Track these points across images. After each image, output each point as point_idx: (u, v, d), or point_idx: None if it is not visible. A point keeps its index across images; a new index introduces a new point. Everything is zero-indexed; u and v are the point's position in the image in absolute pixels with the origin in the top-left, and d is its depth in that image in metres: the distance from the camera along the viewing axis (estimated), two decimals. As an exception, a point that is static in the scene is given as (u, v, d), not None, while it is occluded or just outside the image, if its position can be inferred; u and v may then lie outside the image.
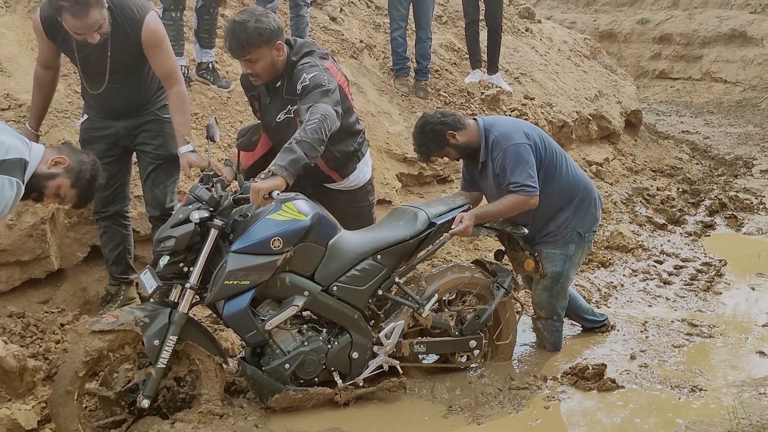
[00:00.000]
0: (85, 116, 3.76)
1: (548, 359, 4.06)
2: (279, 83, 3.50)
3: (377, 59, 6.98)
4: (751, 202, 7.68)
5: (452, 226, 3.63)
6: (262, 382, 3.26)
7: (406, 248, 3.52)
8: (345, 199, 3.82)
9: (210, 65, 5.32)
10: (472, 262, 4.05)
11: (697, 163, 9.72)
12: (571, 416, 3.53)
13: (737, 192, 8.13)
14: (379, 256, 3.44)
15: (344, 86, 3.60)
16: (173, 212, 3.21)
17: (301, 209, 3.24)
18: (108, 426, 3.09)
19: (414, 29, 6.83)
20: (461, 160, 4.07)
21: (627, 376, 3.84)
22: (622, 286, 5.39)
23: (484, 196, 4.07)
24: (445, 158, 4.06)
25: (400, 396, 3.53)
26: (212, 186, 3.20)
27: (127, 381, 3.10)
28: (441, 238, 3.65)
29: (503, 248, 4.04)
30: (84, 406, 3.09)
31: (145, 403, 3.02)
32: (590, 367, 3.77)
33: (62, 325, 3.69)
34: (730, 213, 7.28)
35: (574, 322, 4.47)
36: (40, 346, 3.51)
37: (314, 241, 3.28)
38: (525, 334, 4.35)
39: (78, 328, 3.61)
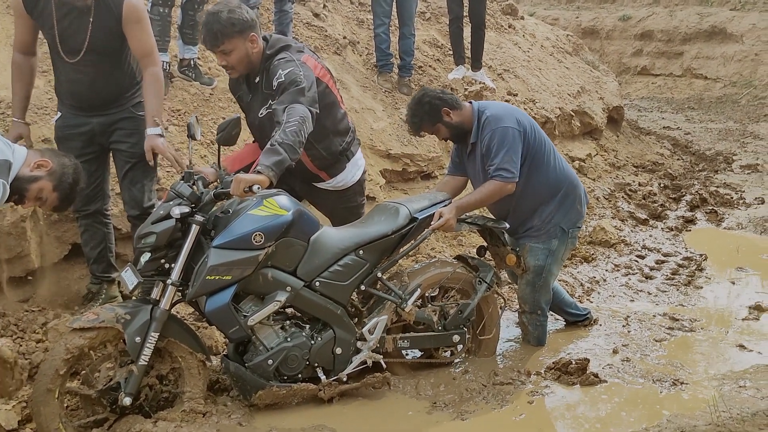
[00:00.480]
0: (59, 114, 3.71)
1: (532, 354, 4.08)
2: (258, 78, 3.50)
3: (361, 55, 6.97)
4: (731, 197, 7.75)
5: (432, 222, 3.63)
6: (246, 379, 3.25)
7: (388, 243, 3.52)
8: (333, 198, 3.83)
9: (192, 62, 5.28)
10: (454, 258, 4.06)
11: (678, 159, 9.79)
12: (555, 411, 3.55)
13: (717, 187, 8.20)
14: (361, 252, 3.44)
15: (327, 80, 3.60)
16: (153, 210, 3.18)
17: (283, 204, 3.24)
18: (90, 425, 3.07)
19: (397, 25, 6.83)
20: (454, 145, 4.09)
21: (609, 371, 3.87)
22: (605, 281, 5.43)
23: (468, 183, 4.09)
24: (433, 136, 4.07)
25: (385, 392, 3.54)
26: (193, 183, 3.18)
27: (109, 379, 3.08)
28: (423, 233, 3.66)
29: (485, 244, 4.05)
30: (65, 404, 3.07)
31: (127, 401, 3.00)
32: (573, 362, 3.79)
33: (43, 324, 3.66)
34: (711, 208, 7.35)
35: (557, 317, 4.50)
36: (21, 345, 3.48)
37: (296, 237, 3.28)
38: (508, 329, 4.37)
39: (59, 327, 3.58)
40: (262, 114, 3.52)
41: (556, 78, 8.86)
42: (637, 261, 5.87)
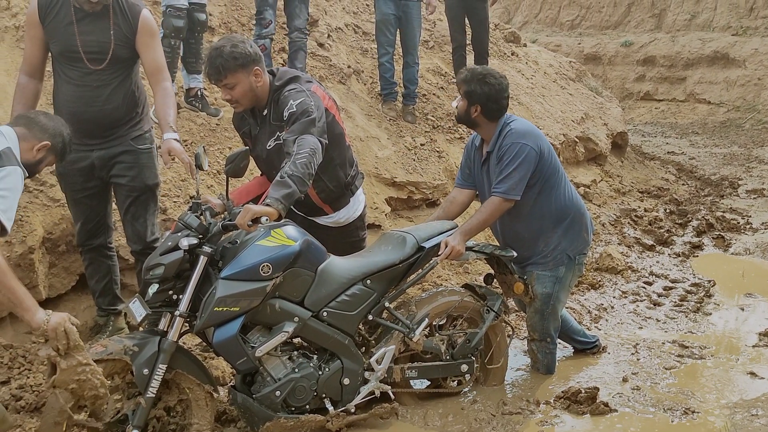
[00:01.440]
0: None
1: (541, 383, 4.04)
2: (266, 111, 3.50)
3: (365, 84, 7.02)
4: (738, 222, 7.73)
5: (439, 252, 3.63)
6: (253, 410, 3.22)
7: (395, 273, 3.51)
8: (334, 234, 3.80)
9: (199, 92, 5.33)
10: (461, 286, 4.05)
11: (683, 184, 9.79)
12: (565, 441, 3.51)
13: (724, 212, 8.19)
14: (368, 281, 3.43)
15: (334, 111, 3.60)
16: (158, 243, 3.18)
17: (290, 235, 3.23)
18: None
19: (401, 54, 6.89)
20: (463, 156, 4.13)
21: (619, 399, 3.83)
22: (613, 308, 5.40)
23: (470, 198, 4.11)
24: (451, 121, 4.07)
25: (392, 422, 3.50)
26: (201, 214, 3.19)
27: (116, 411, 3.05)
28: (430, 262, 3.65)
29: (493, 272, 4.04)
30: None
31: None
32: (583, 391, 3.76)
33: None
34: (718, 233, 7.33)
35: (566, 344, 4.47)
36: (28, 378, 3.46)
37: (303, 267, 3.27)
38: (517, 357, 4.34)
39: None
40: (270, 146, 3.51)
41: (560, 104, 8.91)
42: (644, 287, 5.84)
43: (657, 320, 5.17)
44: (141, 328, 3.22)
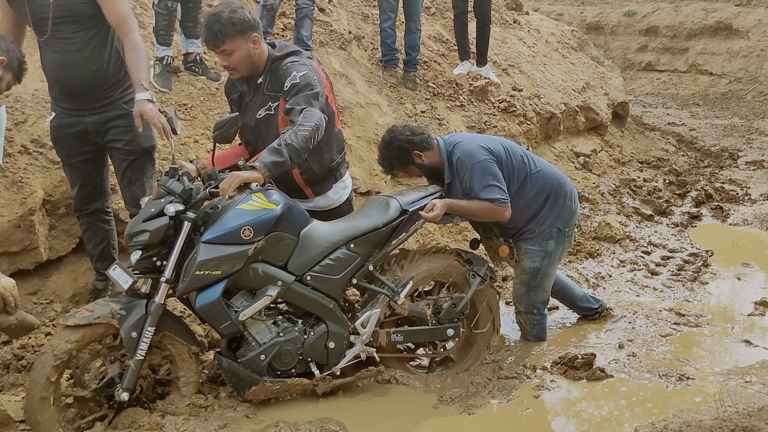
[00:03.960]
0: (53, 114, 3.66)
1: (538, 349, 4.08)
2: (260, 79, 3.46)
3: (366, 50, 6.96)
4: (737, 194, 7.74)
5: (424, 212, 3.60)
6: (239, 375, 3.23)
7: (379, 236, 3.50)
8: (320, 218, 3.75)
9: (197, 57, 5.28)
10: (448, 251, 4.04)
11: (683, 155, 9.77)
12: (562, 405, 3.55)
13: (723, 183, 8.18)
14: (352, 245, 3.42)
15: (327, 91, 3.54)
16: (143, 206, 3.13)
17: (272, 198, 3.22)
18: (90, 423, 3.04)
19: (403, 20, 6.82)
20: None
21: (616, 366, 3.87)
22: (611, 276, 5.43)
23: None
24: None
25: (392, 385, 3.54)
26: (179, 179, 3.15)
27: (102, 377, 3.06)
28: (414, 225, 3.63)
29: (478, 237, 4.03)
30: (64, 408, 3.04)
31: (124, 396, 2.99)
32: (579, 357, 3.80)
33: (52, 319, 3.66)
34: (716, 204, 7.34)
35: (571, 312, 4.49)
36: (30, 338, 3.49)
37: (286, 231, 3.26)
38: (514, 323, 4.38)
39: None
40: (260, 115, 3.47)
41: (561, 73, 8.85)
42: (642, 257, 5.86)
43: (654, 289, 5.20)
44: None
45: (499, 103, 7.13)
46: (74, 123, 3.57)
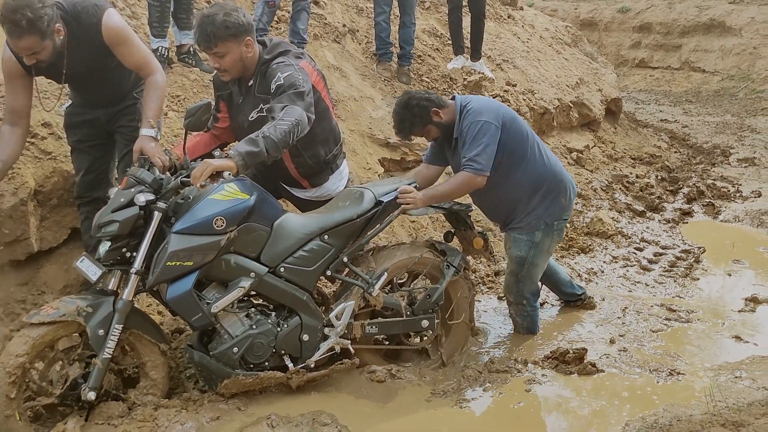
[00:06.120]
0: (69, 102, 3.73)
1: (529, 343, 4.10)
2: (251, 82, 3.45)
3: (360, 44, 6.95)
4: (728, 190, 7.77)
5: (398, 199, 3.58)
6: (211, 368, 3.19)
7: (353, 227, 3.47)
8: (313, 209, 3.74)
9: (191, 49, 5.26)
10: (422, 243, 4.03)
11: (675, 152, 9.81)
12: (553, 399, 3.56)
13: (714, 180, 8.22)
14: (326, 236, 3.39)
15: (321, 88, 3.54)
16: (112, 196, 3.08)
17: (244, 189, 3.19)
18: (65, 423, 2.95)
19: (397, 14, 6.81)
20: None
21: (607, 360, 3.89)
22: (603, 272, 5.45)
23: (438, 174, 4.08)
24: (422, 138, 4.02)
25: (385, 378, 3.54)
26: (149, 169, 3.12)
27: (64, 380, 2.99)
28: (388, 216, 3.60)
29: (452, 229, 4.04)
30: (31, 416, 2.97)
31: (91, 395, 2.93)
32: (571, 351, 3.81)
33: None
34: (708, 201, 7.38)
35: (555, 302, 4.52)
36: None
37: (258, 222, 3.23)
38: (504, 318, 4.39)
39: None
40: (252, 117, 3.45)
41: (555, 69, 8.86)
42: (635, 253, 5.88)
43: (646, 285, 5.22)
44: (98, 287, 3.08)
45: (493, 98, 7.12)
46: (89, 112, 3.66)
